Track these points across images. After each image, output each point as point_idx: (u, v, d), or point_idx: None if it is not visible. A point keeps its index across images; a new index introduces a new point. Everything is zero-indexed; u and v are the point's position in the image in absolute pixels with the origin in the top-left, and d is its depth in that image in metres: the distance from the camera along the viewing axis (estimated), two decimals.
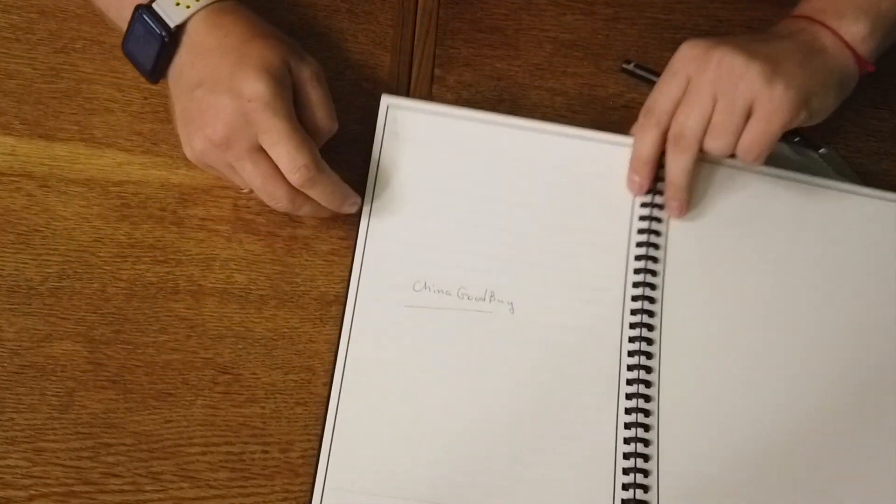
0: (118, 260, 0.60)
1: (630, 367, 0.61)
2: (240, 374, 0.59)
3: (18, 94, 0.64)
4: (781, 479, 0.59)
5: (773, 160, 0.65)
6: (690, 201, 0.64)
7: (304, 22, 0.69)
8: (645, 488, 0.58)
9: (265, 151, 0.56)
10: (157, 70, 0.59)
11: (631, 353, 0.61)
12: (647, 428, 0.59)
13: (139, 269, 0.60)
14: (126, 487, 0.55)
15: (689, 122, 0.61)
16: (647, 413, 0.60)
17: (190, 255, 0.61)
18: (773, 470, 0.60)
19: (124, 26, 0.60)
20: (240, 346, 0.59)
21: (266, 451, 0.57)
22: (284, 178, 0.57)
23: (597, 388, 0.60)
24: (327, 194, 0.58)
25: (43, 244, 0.60)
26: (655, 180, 0.64)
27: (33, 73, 0.65)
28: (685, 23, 0.75)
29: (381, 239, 0.62)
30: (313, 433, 0.58)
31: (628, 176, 0.64)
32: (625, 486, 0.58)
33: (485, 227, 0.63)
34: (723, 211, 0.65)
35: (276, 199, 0.58)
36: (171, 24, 0.57)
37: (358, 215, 0.62)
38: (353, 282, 0.61)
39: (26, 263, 0.60)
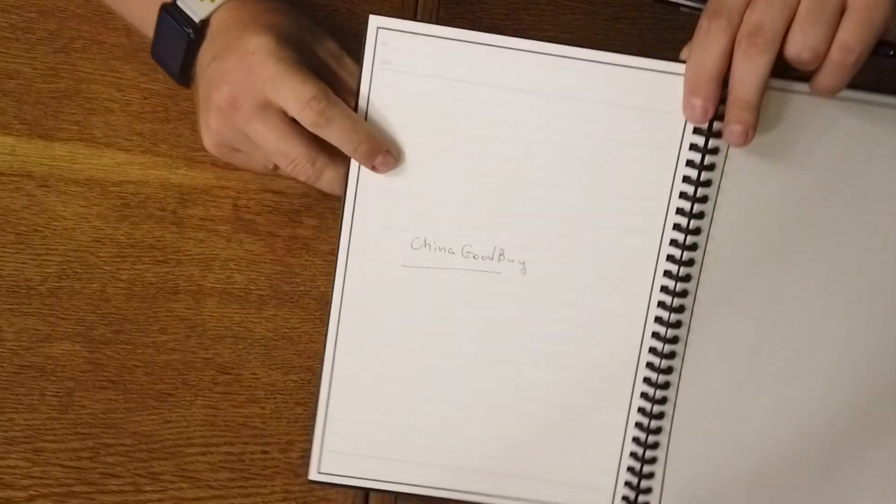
0: (118, 260, 0.60)
1: (654, 335, 0.55)
2: (240, 375, 0.59)
3: (18, 94, 0.64)
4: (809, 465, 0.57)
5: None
6: (757, 126, 0.51)
7: None
8: (651, 475, 0.56)
9: (275, 107, 0.52)
10: (184, 70, 0.57)
11: (658, 320, 0.55)
12: (661, 416, 0.56)
13: (139, 270, 0.60)
14: (126, 488, 0.55)
15: (768, 14, 0.49)
16: (663, 401, 0.56)
17: (190, 255, 0.61)
18: (802, 456, 0.57)
19: (149, 31, 0.59)
20: (240, 347, 0.59)
21: (266, 452, 0.57)
22: (299, 132, 0.52)
23: (614, 360, 0.55)
24: (347, 135, 0.52)
25: (43, 244, 0.60)
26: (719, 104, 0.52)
27: (33, 73, 0.64)
28: (685, 23, 0.75)
29: (374, 190, 0.54)
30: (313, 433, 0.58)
31: (685, 100, 0.52)
32: (630, 469, 0.56)
33: (495, 174, 0.54)
34: (797, 150, 0.54)
35: (294, 160, 0.53)
36: (196, 19, 0.56)
37: (348, 161, 0.54)
38: (344, 241, 0.54)
39: (26, 263, 0.60)
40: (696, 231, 0.54)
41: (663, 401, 0.55)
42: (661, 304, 0.54)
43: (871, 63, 0.52)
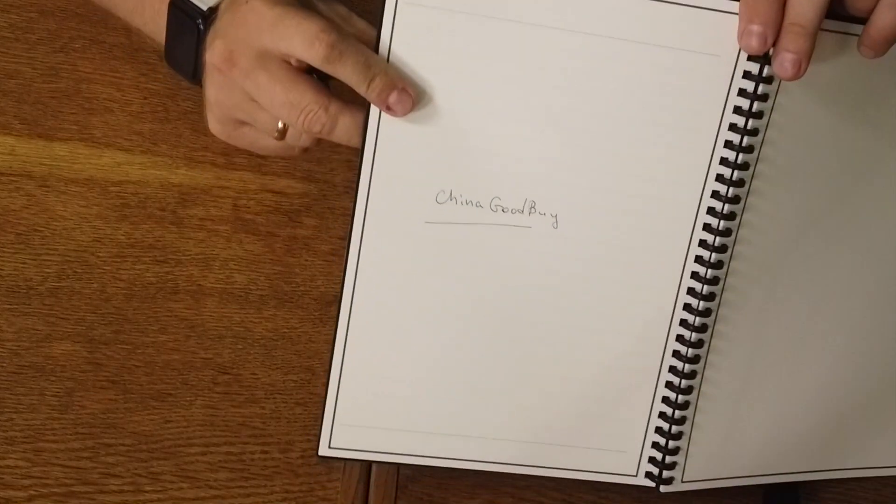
0: (118, 260, 0.60)
1: (690, 291, 0.52)
2: (239, 375, 0.59)
3: (18, 94, 0.64)
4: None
5: None
6: (811, 57, 0.46)
7: None
8: (679, 435, 0.54)
9: (275, 55, 0.48)
10: (198, 67, 0.53)
11: (694, 276, 0.52)
12: (692, 375, 0.53)
13: (139, 269, 0.60)
14: (125, 488, 0.55)
15: None
16: (694, 362, 0.53)
17: (189, 255, 0.61)
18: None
19: (161, 36, 0.56)
20: (239, 347, 0.59)
21: (266, 452, 0.57)
22: (306, 79, 0.48)
23: (646, 320, 0.52)
24: (361, 69, 0.47)
25: (42, 244, 0.60)
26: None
27: (33, 73, 0.64)
28: None
29: (396, 139, 0.49)
30: (313, 433, 0.58)
31: (742, 28, 0.46)
32: (658, 430, 0.55)
33: (527, 121, 0.49)
34: (854, 100, 0.50)
35: (306, 107, 0.48)
36: (204, 7, 0.52)
37: (367, 108, 0.49)
38: (362, 197, 0.50)
39: (26, 263, 0.59)
40: (740, 183, 0.50)
41: (696, 359, 0.53)
42: (698, 260, 0.51)
43: None
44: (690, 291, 0.52)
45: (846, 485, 0.63)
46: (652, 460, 0.55)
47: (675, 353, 0.53)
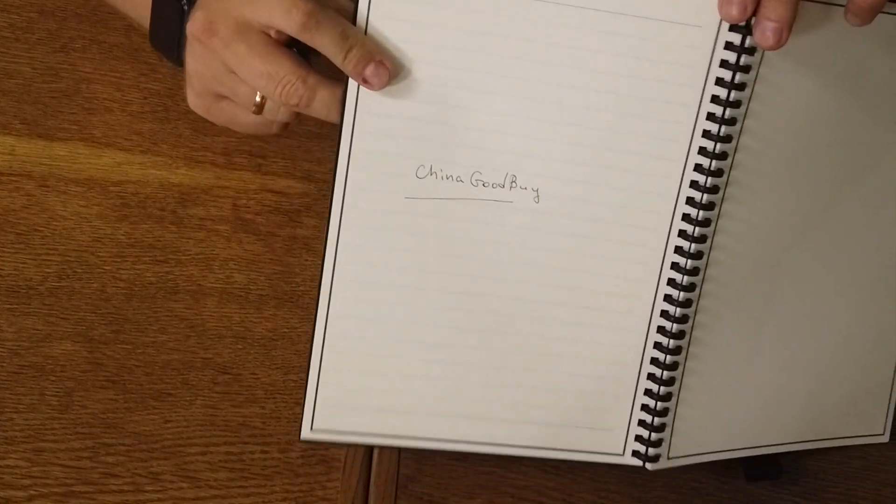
0: (117, 260, 0.60)
1: (674, 266, 0.52)
2: (239, 374, 0.59)
3: (18, 94, 0.64)
4: None
5: None
6: (792, 27, 0.45)
7: None
8: (665, 411, 0.54)
9: (255, 27, 0.48)
10: (181, 46, 0.53)
11: (678, 250, 0.51)
12: (678, 350, 0.53)
13: (138, 269, 0.60)
14: (125, 487, 0.55)
15: None
16: (679, 337, 0.53)
17: (189, 254, 0.61)
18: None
19: (146, 19, 0.56)
20: (239, 346, 0.59)
21: (266, 452, 0.57)
22: (284, 51, 0.48)
23: (630, 296, 0.52)
24: (337, 40, 0.47)
25: (42, 244, 0.60)
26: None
27: (33, 73, 0.64)
28: None
29: (374, 113, 0.49)
30: None
31: None
32: (644, 407, 0.54)
33: (507, 94, 0.49)
34: (836, 65, 0.50)
35: (283, 78, 0.48)
36: None
37: (345, 82, 0.49)
38: (341, 173, 0.49)
39: (26, 263, 0.60)
40: (723, 156, 0.49)
41: (681, 335, 0.52)
42: (682, 234, 0.51)
43: None
44: (674, 266, 0.51)
45: (846, 484, 0.63)
46: (639, 438, 0.55)
47: (660, 329, 0.53)
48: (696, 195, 0.50)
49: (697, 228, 0.51)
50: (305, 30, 0.47)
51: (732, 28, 0.47)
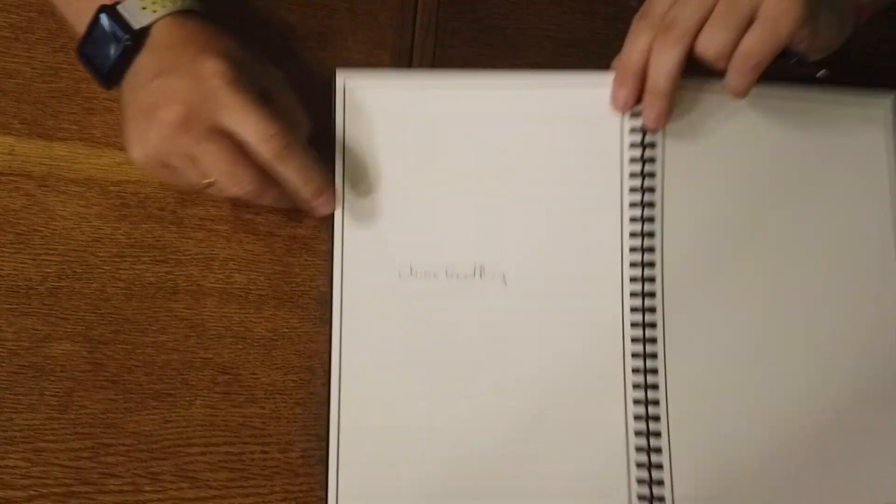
0: (117, 260, 0.60)
1: (634, 325, 0.58)
2: (239, 375, 0.59)
3: (17, 94, 0.64)
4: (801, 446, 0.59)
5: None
6: (671, 111, 0.58)
7: (303, 21, 0.69)
8: (658, 451, 0.57)
9: (226, 132, 0.53)
10: (113, 74, 0.57)
11: (634, 310, 0.59)
12: (655, 387, 0.58)
13: (138, 269, 0.60)
14: (125, 488, 0.55)
15: (684, 11, 0.54)
16: (654, 371, 0.58)
17: (189, 254, 0.61)
18: (792, 435, 0.59)
19: (81, 28, 0.58)
20: (239, 346, 0.59)
21: (266, 452, 0.57)
22: (249, 159, 0.54)
23: (600, 359, 0.58)
24: (301, 172, 0.55)
25: (42, 244, 0.60)
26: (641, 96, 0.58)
27: (32, 73, 0.64)
28: None
29: (358, 228, 0.59)
30: (313, 433, 0.58)
31: (612, 90, 0.59)
32: (637, 448, 0.57)
33: (468, 196, 0.60)
34: (719, 138, 0.60)
35: (242, 181, 0.54)
36: (136, 26, 0.56)
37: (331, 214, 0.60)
38: (336, 280, 0.59)
39: (25, 263, 0.59)
40: (651, 219, 0.59)
41: (655, 387, 0.57)
42: (633, 295, 0.58)
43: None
44: (634, 325, 0.58)
45: None
46: (641, 498, 0.57)
47: (636, 386, 0.58)
48: (637, 258, 0.59)
49: (645, 270, 0.59)
50: (277, 160, 0.54)
51: (633, 115, 0.59)
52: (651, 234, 0.59)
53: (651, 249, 0.59)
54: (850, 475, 0.59)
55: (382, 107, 0.60)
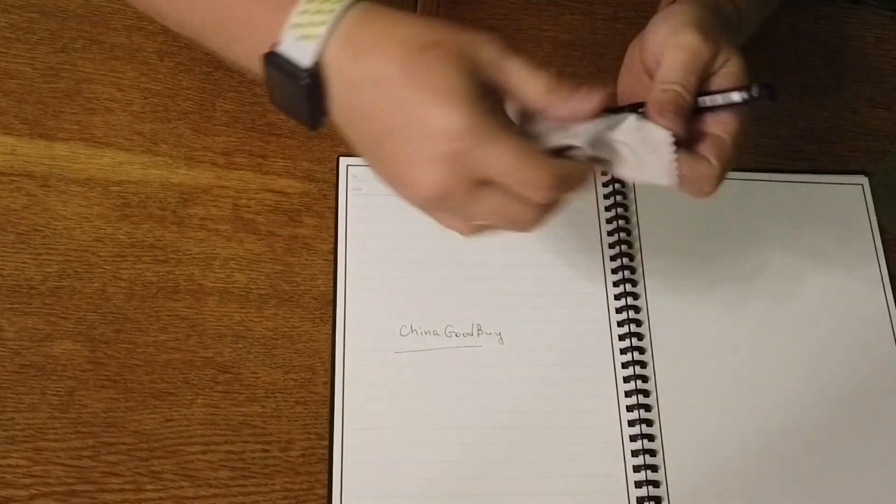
0: (118, 259, 0.61)
1: (625, 365, 0.62)
2: (240, 374, 0.59)
3: (19, 94, 0.64)
4: (787, 463, 0.61)
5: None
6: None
7: None
8: (656, 483, 0.59)
9: (489, 182, 0.46)
10: (315, 116, 0.48)
11: (623, 351, 0.62)
12: (650, 423, 0.60)
13: (139, 269, 0.60)
14: (126, 486, 0.55)
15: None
16: (647, 408, 0.61)
17: (190, 254, 0.61)
18: (778, 453, 0.61)
19: (256, 71, 0.49)
20: (240, 346, 0.60)
21: (266, 451, 0.57)
22: (525, 199, 0.47)
23: (597, 414, 0.61)
24: (580, 185, 0.48)
25: (43, 244, 0.60)
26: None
27: (33, 73, 0.65)
28: None
29: (360, 291, 0.62)
30: (313, 432, 0.58)
31: None
32: (637, 484, 0.59)
33: (463, 263, 0.64)
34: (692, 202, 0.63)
35: (522, 222, 0.48)
36: (305, 64, 0.46)
37: (334, 269, 0.62)
38: (339, 338, 0.61)
39: (26, 263, 0.60)
40: (633, 269, 0.65)
41: (651, 437, 0.60)
42: (622, 351, 0.62)
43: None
44: (626, 379, 0.61)
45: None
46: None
47: (630, 423, 0.60)
48: (623, 316, 0.63)
49: (632, 325, 0.63)
50: (552, 203, 0.47)
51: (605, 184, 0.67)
52: (634, 282, 0.64)
53: (636, 309, 0.64)
54: (840, 476, 0.60)
55: (379, 185, 0.55)
